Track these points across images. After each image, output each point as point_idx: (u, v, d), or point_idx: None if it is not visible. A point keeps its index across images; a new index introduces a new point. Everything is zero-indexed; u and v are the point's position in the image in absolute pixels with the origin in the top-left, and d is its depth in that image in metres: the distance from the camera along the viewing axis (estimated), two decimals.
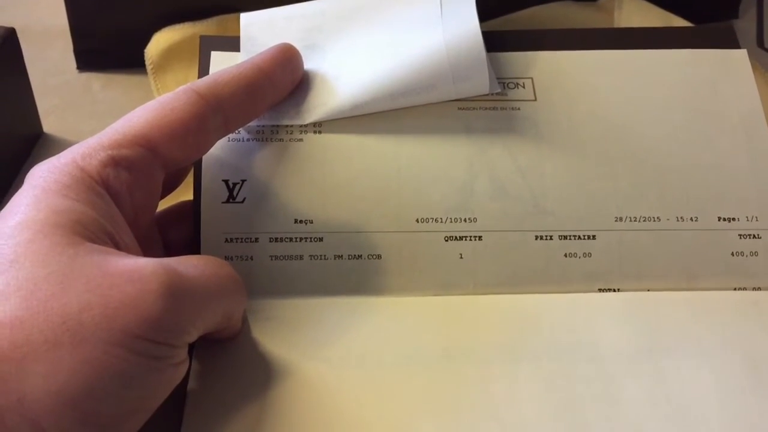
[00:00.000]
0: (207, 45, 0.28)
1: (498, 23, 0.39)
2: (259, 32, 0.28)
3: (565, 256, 0.26)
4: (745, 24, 0.44)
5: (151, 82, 0.37)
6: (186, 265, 0.20)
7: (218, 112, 0.23)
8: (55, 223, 0.19)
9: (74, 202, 0.20)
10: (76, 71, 0.40)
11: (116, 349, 0.17)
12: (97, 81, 0.40)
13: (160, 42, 0.37)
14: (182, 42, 0.37)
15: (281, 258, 0.26)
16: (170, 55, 0.37)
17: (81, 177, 0.20)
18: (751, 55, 0.29)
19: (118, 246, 0.20)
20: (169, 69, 0.37)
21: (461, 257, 0.26)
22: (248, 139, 0.27)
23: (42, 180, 0.20)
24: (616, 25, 0.39)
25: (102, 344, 0.17)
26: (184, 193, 0.27)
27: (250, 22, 0.29)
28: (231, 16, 0.37)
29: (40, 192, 0.20)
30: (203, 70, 0.28)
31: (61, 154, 0.21)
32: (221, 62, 0.28)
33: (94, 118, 0.37)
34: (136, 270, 0.18)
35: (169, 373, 0.19)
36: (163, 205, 0.27)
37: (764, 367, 0.24)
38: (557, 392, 0.23)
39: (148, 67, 0.37)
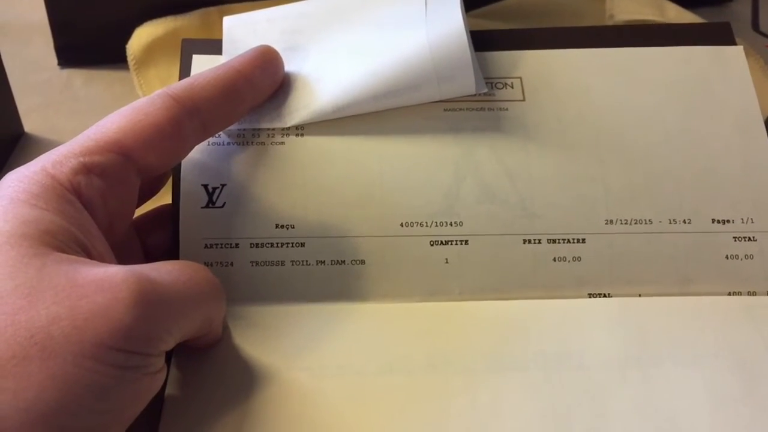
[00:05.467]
0: (188, 48, 0.28)
1: (487, 11, 0.38)
2: (242, 35, 0.28)
3: (554, 260, 0.26)
4: (740, 6, 0.43)
5: (133, 78, 0.37)
6: (160, 270, 0.20)
7: (195, 116, 0.23)
8: (23, 233, 0.18)
9: (43, 212, 0.19)
10: (57, 68, 0.39)
11: (87, 362, 0.17)
12: (78, 77, 0.39)
13: (141, 37, 0.36)
14: (165, 36, 0.36)
15: (262, 264, 0.25)
16: (153, 50, 0.36)
17: (51, 185, 0.20)
18: (746, 38, 0.29)
19: (90, 255, 0.20)
20: (151, 64, 0.37)
21: (447, 262, 0.25)
22: (228, 143, 0.26)
23: (11, 189, 0.20)
24: (607, 12, 0.38)
25: (72, 357, 0.17)
26: (165, 197, 0.26)
27: (232, 24, 0.28)
28: (214, 9, 0.37)
29: (8, 202, 0.19)
30: (184, 73, 0.28)
31: (31, 162, 0.21)
32: (203, 65, 0.27)
33: (76, 116, 0.37)
34: (106, 278, 0.18)
35: (145, 383, 0.19)
36: (144, 209, 0.26)
37: (758, 375, 0.23)
38: (543, 402, 0.23)
39: (131, 63, 0.36)
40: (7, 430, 0.16)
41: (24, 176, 0.20)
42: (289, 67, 0.27)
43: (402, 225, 0.26)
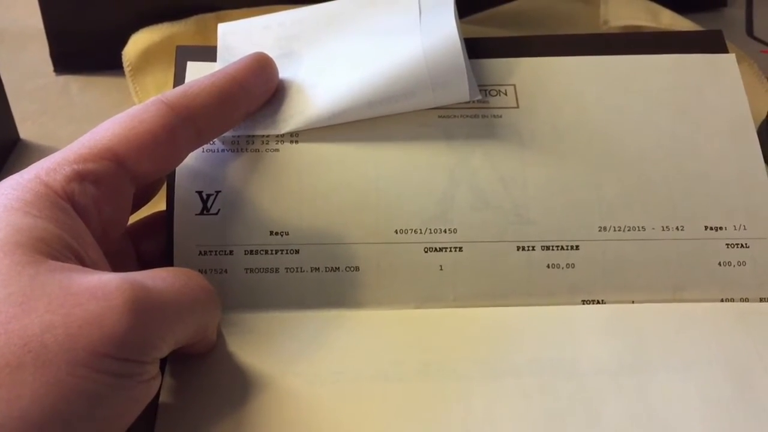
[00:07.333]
0: (183, 55, 0.28)
1: (483, 17, 0.38)
2: (237, 42, 0.28)
3: (548, 267, 0.26)
4: (735, 12, 0.43)
5: (129, 85, 0.37)
6: (154, 278, 0.20)
7: (189, 123, 0.23)
8: (17, 242, 0.18)
9: (37, 219, 0.19)
10: (53, 74, 0.39)
11: (81, 370, 0.17)
12: (75, 84, 0.39)
13: (137, 43, 0.36)
14: (160, 43, 0.36)
15: (257, 271, 0.25)
16: (148, 56, 0.36)
17: (45, 193, 0.20)
18: (740, 44, 0.29)
19: (83, 262, 0.20)
20: (148, 71, 0.37)
21: (441, 269, 0.25)
22: (223, 150, 0.26)
23: (4, 197, 0.20)
24: (602, 18, 0.38)
25: (66, 365, 0.17)
26: (159, 204, 0.26)
27: (227, 31, 0.28)
28: (209, 16, 0.37)
29: (1, 210, 0.19)
30: (179, 80, 0.28)
31: (25, 170, 0.21)
32: (197, 72, 0.27)
33: (72, 123, 0.37)
34: (100, 286, 0.18)
35: (139, 391, 0.19)
36: (138, 215, 0.26)
37: (750, 381, 0.23)
38: (537, 409, 0.23)
39: (126, 70, 0.36)
40: None
41: (18, 184, 0.20)
42: (283, 73, 0.27)
43: (396, 232, 0.26)
